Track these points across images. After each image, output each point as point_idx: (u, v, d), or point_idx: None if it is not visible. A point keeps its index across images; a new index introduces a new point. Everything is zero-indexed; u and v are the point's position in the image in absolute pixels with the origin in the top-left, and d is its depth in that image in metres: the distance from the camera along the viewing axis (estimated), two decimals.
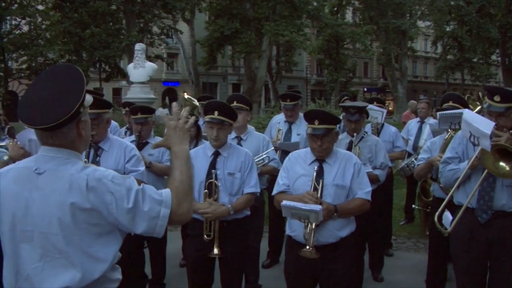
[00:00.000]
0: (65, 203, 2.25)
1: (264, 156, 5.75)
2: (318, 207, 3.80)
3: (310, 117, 4.17)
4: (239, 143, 5.61)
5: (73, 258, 2.27)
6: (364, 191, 4.12)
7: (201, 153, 4.60)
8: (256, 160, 5.60)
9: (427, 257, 5.84)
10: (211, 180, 4.39)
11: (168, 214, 2.34)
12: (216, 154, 4.50)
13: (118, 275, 2.49)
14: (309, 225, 3.90)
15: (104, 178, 2.30)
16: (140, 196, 2.31)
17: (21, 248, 2.32)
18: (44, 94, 2.31)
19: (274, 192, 4.31)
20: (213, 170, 4.41)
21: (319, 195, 3.98)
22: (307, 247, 3.87)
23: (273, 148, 6.08)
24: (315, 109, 4.68)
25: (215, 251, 4.34)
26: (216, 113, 4.39)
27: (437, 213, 4.25)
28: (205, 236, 4.36)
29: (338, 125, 4.32)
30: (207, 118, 4.45)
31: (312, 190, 4.01)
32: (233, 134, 5.68)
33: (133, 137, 5.98)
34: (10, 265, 2.37)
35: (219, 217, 4.34)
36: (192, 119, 2.66)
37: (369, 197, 4.15)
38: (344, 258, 4.11)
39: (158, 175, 5.71)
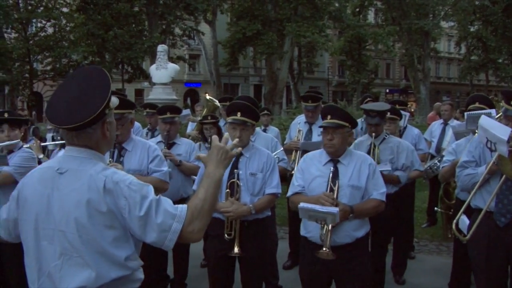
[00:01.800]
0: (82, 203, 2.29)
1: (275, 157, 5.76)
2: (335, 209, 3.80)
3: (324, 113, 4.24)
4: None
5: (88, 258, 2.30)
6: (379, 192, 4.12)
7: None
8: None
9: (450, 260, 5.79)
10: (233, 180, 4.42)
11: (179, 229, 2.32)
12: (239, 155, 4.52)
13: (140, 275, 2.51)
14: (326, 226, 3.91)
15: (121, 182, 2.33)
16: (153, 206, 2.32)
17: (42, 246, 2.38)
18: (71, 94, 2.36)
19: (289, 193, 4.33)
20: (235, 170, 4.44)
21: (335, 196, 3.98)
22: (324, 248, 3.88)
23: (282, 149, 6.10)
24: (329, 105, 4.71)
25: (236, 250, 4.36)
26: (239, 114, 4.41)
27: (454, 220, 4.23)
28: (225, 235, 4.39)
29: (351, 127, 4.26)
30: (230, 119, 4.47)
31: (328, 191, 4.01)
32: None
33: (158, 138, 6.01)
34: (32, 262, 2.42)
35: (240, 216, 4.36)
36: (236, 151, 2.63)
37: (384, 198, 4.14)
38: (360, 258, 4.11)
39: (187, 174, 5.73)
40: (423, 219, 8.99)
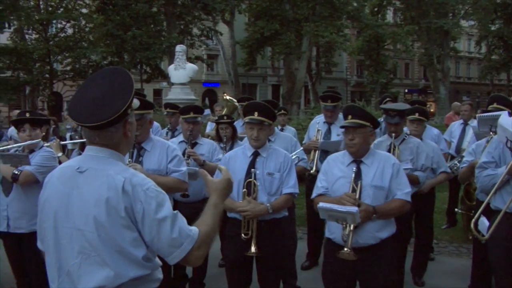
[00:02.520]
0: (101, 202, 2.31)
1: (294, 156, 5.76)
2: (354, 209, 3.77)
3: (345, 113, 4.20)
4: None
5: (107, 257, 2.31)
6: (404, 191, 4.07)
7: (240, 153, 4.64)
8: None
9: (470, 262, 5.72)
10: (250, 179, 4.43)
11: (188, 250, 2.35)
12: (256, 155, 4.53)
13: (159, 274, 2.52)
14: (348, 226, 3.88)
15: (139, 186, 2.34)
16: (169, 219, 2.34)
17: (62, 244, 2.40)
18: (94, 94, 2.38)
19: (314, 195, 4.31)
20: (252, 169, 4.44)
21: (357, 196, 3.95)
22: (345, 248, 3.86)
23: (301, 148, 6.09)
24: (350, 105, 4.68)
25: (253, 249, 4.36)
26: (256, 113, 4.41)
27: (473, 220, 4.17)
28: (242, 234, 4.39)
29: (373, 127, 4.23)
30: (247, 119, 4.48)
31: (350, 191, 3.98)
32: None
33: (179, 138, 6.02)
34: (52, 260, 2.45)
35: (257, 216, 4.37)
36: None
37: (409, 198, 4.09)
38: (384, 260, 4.07)
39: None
40: (443, 220, 8.90)
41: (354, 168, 4.08)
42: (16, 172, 4.65)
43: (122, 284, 2.34)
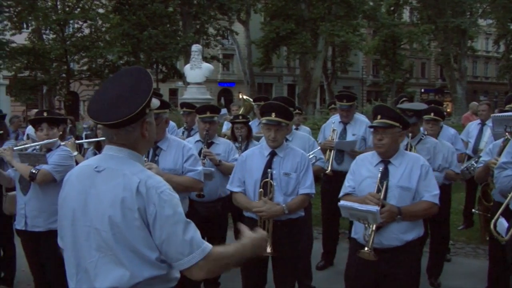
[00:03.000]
0: (116, 202, 2.32)
1: (311, 156, 5.75)
2: (374, 208, 3.74)
3: (374, 112, 4.17)
4: None
5: (122, 257, 2.32)
6: (432, 194, 4.02)
7: (257, 153, 4.64)
8: None
9: (487, 263, 5.67)
10: (267, 179, 4.42)
11: (194, 262, 2.33)
12: (273, 154, 4.53)
13: (176, 274, 2.52)
14: (369, 226, 3.85)
15: (153, 189, 2.34)
16: (181, 226, 2.34)
17: (79, 242, 2.42)
18: (113, 93, 2.39)
19: (341, 194, 4.29)
20: (269, 170, 4.44)
21: (382, 196, 3.91)
22: (366, 248, 3.83)
23: (319, 148, 6.07)
24: (380, 104, 4.65)
25: (268, 249, 4.35)
26: (273, 114, 4.41)
27: (493, 220, 4.12)
28: None
29: (403, 127, 4.20)
30: (264, 119, 4.47)
31: (375, 191, 3.95)
32: None
33: (196, 137, 6.04)
34: (71, 258, 2.47)
35: (273, 216, 4.36)
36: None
37: (436, 200, 4.03)
38: (409, 263, 4.02)
39: (226, 174, 5.75)
40: (459, 221, 8.83)
41: (381, 168, 4.05)
42: (34, 171, 4.70)
43: (138, 283, 2.34)
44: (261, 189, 4.43)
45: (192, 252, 2.32)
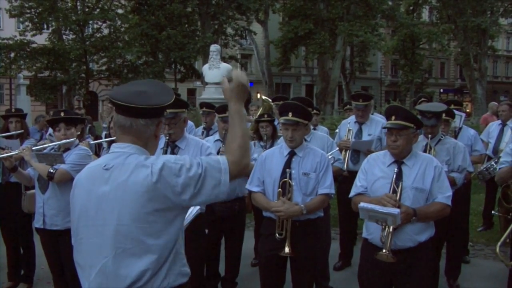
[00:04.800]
0: (132, 193, 2.36)
1: (330, 156, 5.72)
2: (396, 211, 3.71)
3: (388, 113, 4.13)
4: None
5: (146, 245, 2.36)
6: (445, 195, 3.99)
7: (277, 152, 4.63)
8: None
9: None
10: (285, 179, 4.41)
11: (228, 179, 2.45)
12: (292, 154, 4.51)
13: (187, 269, 2.58)
14: (387, 228, 3.83)
15: (167, 162, 2.40)
16: (202, 174, 2.41)
17: (93, 242, 2.44)
18: (137, 89, 2.49)
19: (352, 194, 4.26)
20: (287, 170, 4.43)
21: (397, 198, 3.89)
22: (384, 250, 3.80)
23: (337, 149, 6.03)
24: (394, 105, 4.59)
25: (286, 250, 4.35)
26: (290, 114, 4.40)
27: None
28: (277, 234, 4.39)
29: (418, 128, 4.17)
30: (282, 119, 4.47)
31: (391, 192, 3.92)
32: None
33: (215, 137, 6.04)
34: (85, 258, 2.49)
35: (291, 216, 4.35)
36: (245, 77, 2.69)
37: (449, 202, 4.01)
38: (422, 263, 3.99)
39: None
40: (479, 223, 8.74)
41: (396, 169, 4.01)
42: (52, 171, 4.73)
43: (163, 265, 2.41)
44: (280, 189, 4.42)
45: (219, 177, 2.44)
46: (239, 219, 5.91)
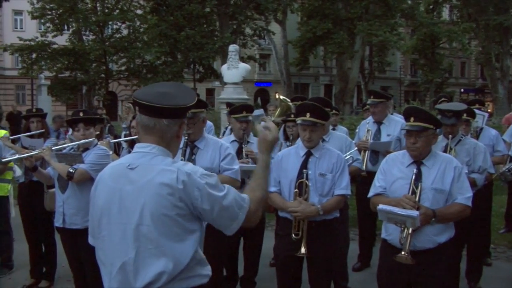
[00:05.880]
0: (156, 194, 2.37)
1: (349, 156, 5.69)
2: (415, 213, 3.66)
3: (407, 114, 4.07)
4: None
5: (165, 248, 2.37)
6: (465, 196, 3.93)
7: (293, 153, 4.62)
8: None
9: None
10: (302, 180, 4.40)
11: (243, 219, 2.51)
12: (308, 155, 4.50)
13: (207, 271, 2.57)
14: (406, 229, 3.79)
15: (193, 174, 2.42)
16: (227, 198, 2.46)
17: (114, 240, 2.46)
18: (161, 90, 2.53)
19: (371, 194, 4.22)
20: (304, 170, 4.42)
21: (417, 199, 3.84)
22: (403, 252, 3.77)
23: (356, 148, 6.00)
24: (412, 106, 4.54)
25: (302, 250, 4.35)
26: (308, 115, 4.38)
27: None
28: (293, 235, 4.38)
29: (437, 128, 4.12)
30: (299, 120, 4.46)
31: (410, 193, 3.88)
32: None
33: (232, 137, 6.05)
34: (105, 256, 2.52)
35: (308, 217, 4.34)
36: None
37: (469, 203, 3.95)
38: (442, 264, 3.95)
39: None
40: (500, 224, 8.62)
41: (415, 169, 3.96)
42: (71, 170, 4.77)
43: (181, 271, 2.40)
44: (296, 189, 4.41)
45: (238, 214, 2.50)
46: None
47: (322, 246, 4.43)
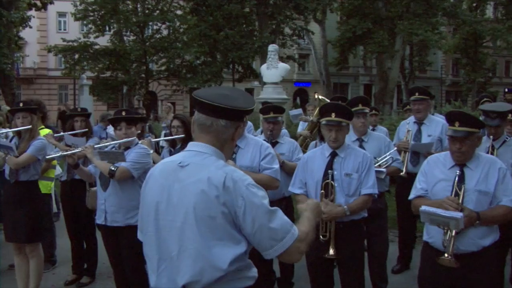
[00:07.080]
0: (201, 196, 2.37)
1: (388, 157, 5.63)
2: (459, 215, 3.58)
3: (451, 119, 3.96)
4: (360, 145, 5.56)
5: (204, 250, 2.36)
6: (510, 198, 3.81)
7: (319, 153, 4.60)
8: (380, 161, 5.57)
9: None
10: (328, 180, 4.38)
11: (288, 245, 2.41)
12: (334, 155, 4.48)
13: (254, 273, 2.55)
14: (449, 232, 3.71)
15: (240, 181, 2.39)
16: (271, 215, 2.40)
17: (162, 236, 2.48)
18: (221, 92, 2.55)
19: (412, 196, 4.15)
20: (329, 171, 4.40)
21: (460, 201, 3.76)
22: (446, 255, 3.69)
23: (395, 149, 5.92)
24: (457, 110, 4.43)
25: (331, 252, 4.34)
26: (333, 115, 4.35)
27: None
28: (320, 236, 4.36)
29: (481, 129, 4.03)
30: (324, 120, 4.42)
31: (453, 195, 3.80)
32: (354, 136, 5.66)
33: (262, 137, 6.05)
34: (153, 252, 2.53)
35: (335, 218, 4.32)
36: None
37: None
38: (486, 268, 3.85)
39: (289, 173, 5.75)
40: None
41: (458, 171, 3.88)
42: (113, 168, 4.84)
43: (220, 277, 2.37)
44: (323, 190, 4.38)
45: (284, 237, 2.40)
46: None
47: (351, 247, 4.42)
